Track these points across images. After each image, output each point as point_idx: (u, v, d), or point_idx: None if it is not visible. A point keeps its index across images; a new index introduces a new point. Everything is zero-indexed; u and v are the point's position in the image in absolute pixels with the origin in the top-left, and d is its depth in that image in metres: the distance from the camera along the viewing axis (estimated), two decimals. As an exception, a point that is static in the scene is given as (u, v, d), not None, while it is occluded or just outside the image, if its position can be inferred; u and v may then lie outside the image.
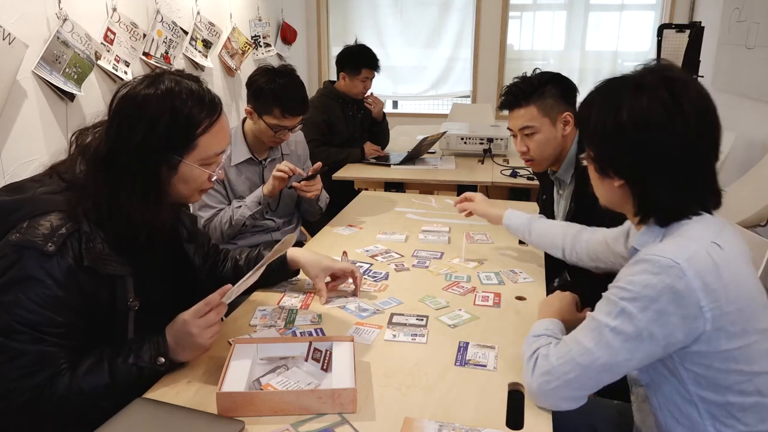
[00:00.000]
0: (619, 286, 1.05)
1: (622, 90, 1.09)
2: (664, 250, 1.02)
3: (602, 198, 1.20)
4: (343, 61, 3.29)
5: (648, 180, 1.08)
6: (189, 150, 1.20)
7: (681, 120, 1.03)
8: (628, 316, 1.02)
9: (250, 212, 2.12)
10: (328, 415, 1.10)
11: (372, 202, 2.58)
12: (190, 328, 1.21)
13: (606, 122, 1.09)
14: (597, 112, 1.11)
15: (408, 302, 1.58)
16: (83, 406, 1.10)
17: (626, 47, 5.42)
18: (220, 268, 1.59)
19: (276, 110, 2.10)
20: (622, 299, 1.03)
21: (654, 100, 1.04)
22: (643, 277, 1.01)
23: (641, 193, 1.10)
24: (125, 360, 1.16)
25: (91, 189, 1.15)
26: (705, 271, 0.99)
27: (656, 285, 0.99)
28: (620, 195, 1.14)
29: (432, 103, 6.14)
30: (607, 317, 1.04)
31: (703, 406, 1.06)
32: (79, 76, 2.64)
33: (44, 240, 1.08)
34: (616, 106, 1.07)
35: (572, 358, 1.07)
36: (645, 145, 1.05)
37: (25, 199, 1.14)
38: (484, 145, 3.35)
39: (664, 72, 1.09)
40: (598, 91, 1.14)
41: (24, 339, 1.08)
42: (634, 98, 1.06)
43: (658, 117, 1.04)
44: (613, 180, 1.12)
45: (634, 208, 1.13)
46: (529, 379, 1.14)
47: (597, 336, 1.05)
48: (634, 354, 1.03)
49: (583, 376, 1.06)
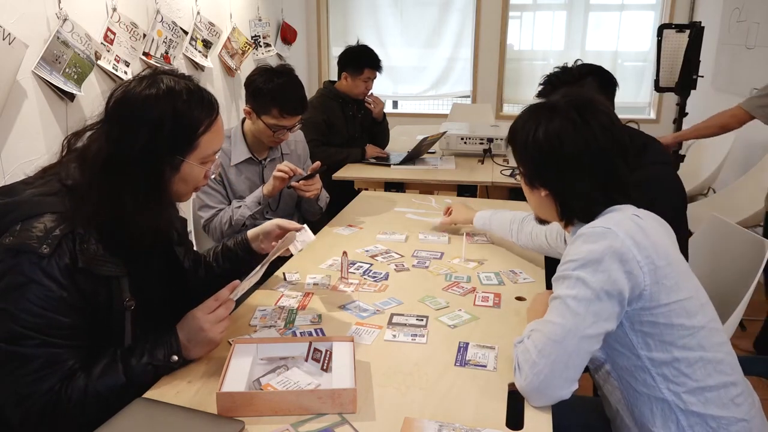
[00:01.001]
0: (566, 260, 1.17)
1: (540, 114, 1.25)
2: (594, 223, 1.18)
3: (533, 207, 1.37)
4: (346, 61, 3.29)
5: (566, 189, 1.24)
6: (191, 150, 1.20)
7: (590, 135, 1.20)
8: (582, 282, 1.12)
9: (250, 212, 2.12)
10: (328, 415, 1.10)
11: (372, 202, 2.58)
12: (201, 323, 1.23)
13: (527, 140, 1.25)
14: (521, 132, 1.28)
15: (408, 302, 1.58)
16: (100, 409, 1.08)
17: (626, 47, 5.42)
18: (200, 272, 1.59)
19: (274, 110, 2.10)
20: (573, 270, 1.14)
21: (565, 120, 1.21)
22: (584, 247, 1.14)
23: (562, 201, 1.26)
24: (139, 360, 1.17)
25: (94, 194, 1.14)
26: (633, 232, 1.14)
27: (597, 249, 1.12)
28: (547, 204, 1.29)
29: (432, 103, 6.14)
30: (566, 290, 1.14)
31: (654, 370, 1.15)
32: (79, 76, 2.64)
33: (39, 242, 1.08)
34: (535, 126, 1.24)
35: (548, 339, 1.12)
36: (560, 159, 1.21)
37: (17, 201, 1.13)
38: (484, 145, 3.34)
39: (574, 98, 1.26)
40: (523, 114, 1.31)
41: (31, 344, 1.08)
42: (548, 119, 1.23)
43: (570, 134, 1.20)
44: (540, 191, 1.28)
45: (558, 213, 1.29)
46: (520, 381, 1.15)
47: (562, 309, 1.13)
48: (598, 315, 1.11)
49: (563, 352, 1.11)
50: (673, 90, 3.30)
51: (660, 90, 3.40)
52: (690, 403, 1.13)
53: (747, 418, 1.15)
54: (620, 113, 1.39)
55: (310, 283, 1.71)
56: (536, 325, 1.18)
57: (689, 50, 3.27)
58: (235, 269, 1.59)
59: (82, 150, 1.19)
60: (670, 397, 1.14)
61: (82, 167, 1.17)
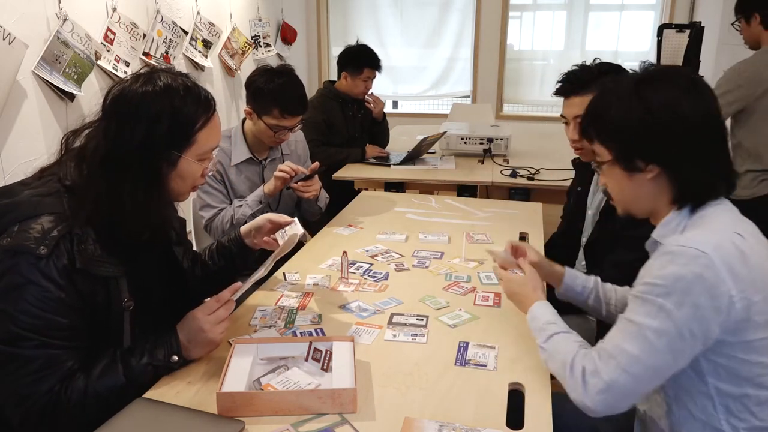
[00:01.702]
0: (649, 282, 1.05)
1: (633, 85, 1.12)
2: (688, 240, 1.03)
3: (627, 199, 1.20)
4: (345, 61, 3.29)
5: (683, 160, 1.09)
6: (188, 146, 1.20)
7: (704, 100, 1.09)
8: (667, 313, 1.01)
9: (252, 211, 2.12)
10: (328, 415, 1.10)
11: (372, 202, 2.58)
12: (202, 324, 1.23)
13: (631, 113, 1.10)
14: (617, 108, 1.13)
15: (408, 302, 1.58)
16: (100, 409, 1.08)
17: (626, 47, 5.42)
18: (197, 271, 1.59)
19: (275, 110, 2.10)
20: (657, 296, 1.02)
21: (676, 86, 1.09)
22: (671, 269, 1.01)
23: (678, 176, 1.11)
24: (139, 360, 1.17)
25: (92, 192, 1.14)
26: (732, 260, 1.01)
27: (686, 276, 1.00)
28: (652, 188, 1.14)
29: (432, 103, 6.14)
30: (646, 318, 1.03)
31: (719, 399, 1.07)
32: (79, 76, 2.64)
33: (36, 243, 1.07)
34: (638, 97, 1.10)
35: (623, 370, 1.04)
36: (676, 126, 1.08)
37: (15, 202, 1.13)
38: (484, 145, 3.34)
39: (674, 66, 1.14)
40: (607, 91, 1.17)
41: (30, 345, 1.08)
42: (653, 87, 1.10)
43: (685, 99, 1.08)
44: (645, 173, 1.12)
45: (672, 195, 1.13)
46: (582, 396, 1.08)
47: (641, 341, 1.03)
48: (678, 354, 1.03)
49: (636, 384, 1.05)
50: (673, 90, 3.31)
51: (660, 90, 3.40)
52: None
53: None
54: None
55: (310, 283, 1.71)
56: (610, 347, 1.07)
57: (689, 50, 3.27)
58: (230, 266, 1.60)
59: (79, 149, 1.19)
60: (727, 430, 1.08)
61: (80, 166, 1.17)
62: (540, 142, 3.79)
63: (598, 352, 1.10)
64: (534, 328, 1.27)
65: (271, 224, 1.56)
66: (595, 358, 1.09)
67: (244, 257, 1.60)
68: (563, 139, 2.05)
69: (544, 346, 1.21)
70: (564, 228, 2.19)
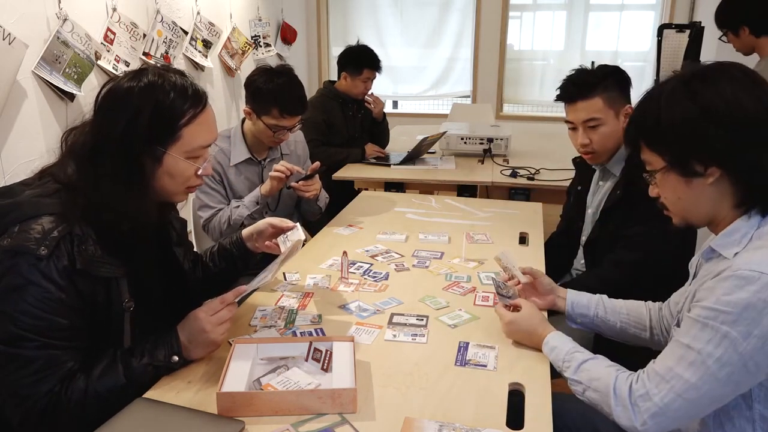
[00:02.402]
0: (714, 307, 0.99)
1: (682, 84, 1.06)
2: (754, 263, 0.98)
3: (690, 207, 1.11)
4: (345, 61, 3.29)
5: (747, 160, 1.02)
6: (173, 141, 1.19)
7: (764, 93, 1.02)
8: (732, 343, 0.96)
9: (249, 212, 2.12)
10: (328, 415, 1.10)
11: (372, 202, 2.57)
12: (204, 324, 1.23)
13: (685, 114, 1.04)
14: (668, 110, 1.06)
15: (408, 302, 1.58)
16: (100, 410, 1.08)
17: (626, 47, 5.42)
18: (198, 272, 1.59)
19: (274, 110, 2.10)
20: (722, 323, 0.97)
21: (734, 80, 1.03)
22: (740, 296, 0.96)
23: (742, 177, 1.04)
24: (140, 360, 1.17)
25: (81, 184, 1.15)
26: None
27: (756, 305, 0.95)
28: (713, 193, 1.06)
29: (432, 103, 6.14)
30: (708, 345, 0.99)
31: (760, 424, 1.05)
32: (79, 76, 2.64)
33: (37, 244, 1.07)
34: (691, 97, 1.04)
35: (678, 396, 1.01)
36: (737, 123, 1.01)
37: (15, 202, 1.13)
38: (484, 145, 3.34)
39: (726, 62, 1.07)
40: (651, 97, 1.11)
41: (31, 346, 1.08)
42: (708, 84, 1.03)
43: (744, 93, 1.01)
44: (706, 177, 1.05)
45: (735, 199, 1.06)
46: (632, 421, 1.05)
47: (701, 370, 0.99)
48: (740, 385, 1.00)
49: (692, 409, 1.02)
50: (673, 90, 3.31)
51: (660, 90, 3.40)
52: None
53: None
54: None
55: (310, 283, 1.71)
56: (663, 370, 1.04)
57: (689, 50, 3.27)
58: (231, 269, 1.59)
59: (71, 144, 1.19)
60: None
61: (72, 161, 1.17)
62: (540, 142, 3.79)
63: (647, 374, 1.06)
64: (556, 360, 1.24)
65: (273, 229, 1.56)
66: (645, 380, 1.06)
67: (246, 260, 1.60)
68: (563, 139, 2.06)
69: (575, 378, 1.17)
70: (563, 227, 2.19)
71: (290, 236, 1.53)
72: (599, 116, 1.79)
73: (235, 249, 1.59)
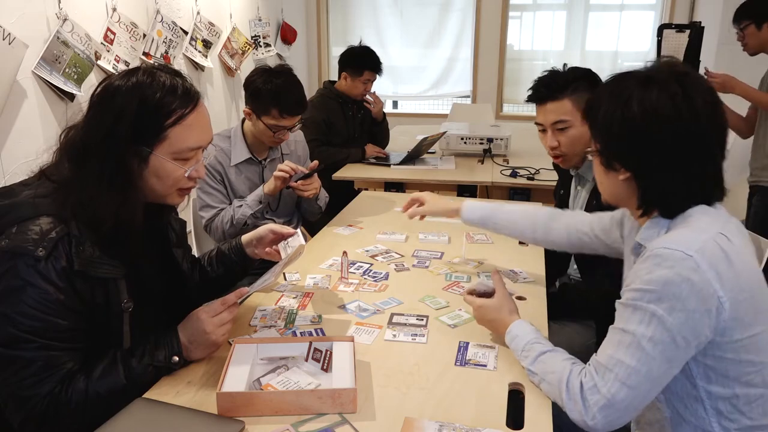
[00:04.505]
0: (638, 288, 1.03)
1: (632, 83, 1.09)
2: (673, 242, 1.03)
3: (605, 192, 1.21)
4: (346, 62, 3.28)
5: (654, 173, 1.08)
6: (158, 141, 1.17)
7: (691, 114, 1.04)
8: (659, 320, 1.00)
9: (252, 211, 2.12)
10: (328, 415, 1.10)
11: (372, 202, 2.58)
12: (205, 325, 1.23)
13: (614, 115, 1.09)
14: (606, 105, 1.11)
15: (408, 302, 1.58)
16: (101, 410, 1.08)
17: (626, 47, 5.42)
18: (196, 275, 1.58)
19: (274, 110, 2.10)
20: (648, 303, 1.01)
21: (665, 94, 1.05)
22: (659, 273, 1.01)
23: (646, 186, 1.11)
24: (140, 361, 1.17)
25: (71, 183, 1.14)
26: (717, 261, 1.00)
27: (675, 280, 0.99)
28: (624, 188, 1.14)
29: (432, 103, 6.15)
30: (640, 326, 1.02)
31: (709, 403, 1.07)
32: (79, 76, 2.64)
33: (35, 245, 1.07)
34: (625, 99, 1.08)
35: (622, 383, 1.03)
36: (653, 138, 1.06)
37: (13, 203, 1.12)
38: (484, 145, 3.35)
39: (675, 67, 1.10)
40: (607, 85, 1.15)
41: (30, 347, 1.07)
42: (643, 91, 1.07)
43: (669, 110, 1.04)
44: (618, 173, 1.13)
45: (638, 201, 1.13)
46: (582, 416, 1.06)
47: (637, 351, 1.02)
48: (673, 361, 1.03)
49: (636, 397, 1.04)
50: (673, 90, 3.32)
51: (660, 90, 3.41)
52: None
53: None
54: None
55: (310, 283, 1.71)
56: (605, 360, 1.06)
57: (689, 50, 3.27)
58: (229, 274, 1.59)
59: (63, 143, 1.19)
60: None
61: (65, 159, 1.17)
62: (540, 143, 3.77)
63: (594, 367, 1.08)
64: (516, 349, 1.26)
65: (274, 235, 1.55)
66: (592, 372, 1.08)
67: (244, 266, 1.60)
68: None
69: (532, 369, 1.19)
70: None
71: (291, 242, 1.53)
72: (568, 118, 1.77)
73: (234, 254, 1.58)
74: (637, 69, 1.13)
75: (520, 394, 1.19)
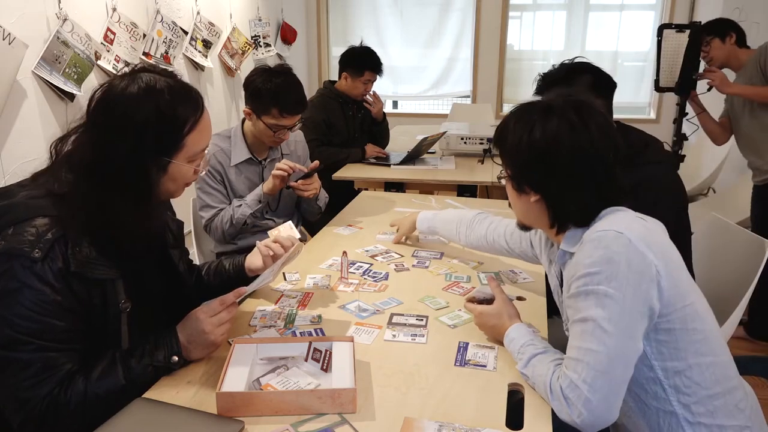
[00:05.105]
0: (584, 273, 1.09)
1: (534, 113, 1.19)
2: (602, 226, 1.12)
3: (519, 214, 1.30)
4: (347, 62, 3.28)
5: (560, 193, 1.18)
6: (177, 150, 1.18)
7: (587, 137, 1.15)
8: (611, 299, 1.06)
9: (251, 210, 2.12)
10: (328, 415, 1.10)
11: (372, 202, 2.58)
12: (204, 326, 1.23)
13: (521, 141, 1.19)
14: (512, 133, 1.21)
15: (408, 302, 1.58)
16: (101, 411, 1.07)
17: (626, 47, 5.42)
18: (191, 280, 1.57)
19: (274, 110, 2.09)
20: (598, 284, 1.07)
21: (563, 121, 1.15)
22: (599, 253, 1.08)
23: (555, 205, 1.20)
24: (139, 361, 1.17)
25: (80, 200, 1.12)
26: (644, 234, 1.09)
27: (614, 257, 1.07)
28: (536, 209, 1.23)
29: (432, 103, 6.15)
30: (597, 309, 1.07)
31: (666, 382, 1.12)
32: (79, 76, 2.64)
33: (31, 246, 1.06)
34: (527, 127, 1.18)
35: (596, 371, 1.05)
36: (556, 160, 1.15)
37: (10, 204, 1.12)
38: (484, 145, 3.35)
39: (571, 98, 1.21)
40: (513, 114, 1.24)
41: (28, 349, 1.07)
42: (545, 119, 1.17)
43: (567, 135, 1.15)
44: (529, 196, 1.21)
45: (550, 220, 1.22)
46: (569, 414, 1.07)
47: (599, 334, 1.06)
48: (633, 335, 1.07)
49: (612, 382, 1.06)
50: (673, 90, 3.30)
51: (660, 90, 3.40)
52: (699, 414, 1.12)
53: (749, 425, 1.14)
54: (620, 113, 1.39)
55: (310, 283, 1.71)
56: (574, 353, 1.10)
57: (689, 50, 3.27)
58: (224, 287, 1.54)
59: (67, 156, 1.16)
60: (679, 410, 1.12)
61: (69, 174, 1.14)
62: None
63: (566, 366, 1.11)
64: (512, 352, 1.28)
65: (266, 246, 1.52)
66: (565, 372, 1.10)
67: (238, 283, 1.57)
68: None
69: (525, 372, 1.21)
70: None
71: (282, 231, 1.52)
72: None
73: (232, 270, 1.58)
74: (538, 99, 1.25)
75: (520, 394, 1.19)
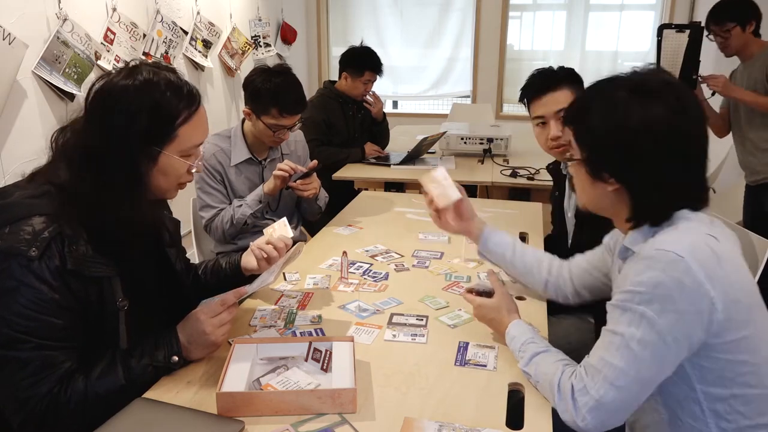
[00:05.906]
0: (629, 290, 1.03)
1: (623, 93, 1.07)
2: (663, 243, 1.02)
3: (590, 202, 1.18)
4: (347, 62, 3.28)
5: (646, 184, 1.07)
6: (169, 141, 1.18)
7: (686, 125, 1.05)
8: (649, 322, 1.00)
9: (251, 210, 2.12)
10: (328, 415, 1.10)
11: (372, 202, 2.58)
12: (204, 326, 1.23)
13: (608, 124, 1.07)
14: (597, 114, 1.09)
15: (408, 302, 1.58)
16: (101, 410, 1.07)
17: (626, 47, 5.42)
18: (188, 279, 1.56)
19: (273, 110, 2.09)
20: (638, 304, 1.01)
21: (661, 105, 1.04)
22: (650, 275, 1.00)
23: (637, 196, 1.09)
24: (139, 361, 1.17)
25: (74, 189, 1.13)
26: (707, 262, 1.00)
27: (666, 282, 0.99)
28: (611, 199, 1.12)
29: (432, 103, 6.15)
30: (629, 327, 1.02)
31: (707, 404, 1.07)
32: (79, 76, 2.64)
33: (27, 245, 1.06)
34: (620, 109, 1.06)
35: (611, 384, 1.03)
36: (649, 148, 1.04)
37: (6, 203, 1.12)
38: (484, 145, 3.34)
39: (665, 76, 1.10)
40: (595, 93, 1.13)
41: (26, 347, 1.07)
42: (639, 102, 1.05)
43: (666, 121, 1.04)
44: (607, 184, 1.11)
45: (629, 212, 1.12)
46: (573, 417, 1.06)
47: (626, 353, 1.02)
48: (664, 363, 1.02)
49: (625, 399, 1.04)
50: (673, 90, 3.32)
51: (660, 90, 3.42)
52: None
53: None
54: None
55: (310, 283, 1.71)
56: (596, 361, 1.06)
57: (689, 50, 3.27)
58: (221, 286, 1.56)
59: (62, 145, 1.17)
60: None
61: (65, 163, 1.15)
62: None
63: (584, 368, 1.08)
64: (513, 350, 1.27)
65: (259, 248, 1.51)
66: (582, 374, 1.08)
67: (234, 282, 1.56)
68: (563, 139, 2.04)
69: (527, 371, 1.20)
70: (554, 231, 2.20)
71: (277, 229, 1.53)
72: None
73: (228, 269, 1.57)
74: (621, 76, 1.12)
75: (520, 394, 1.19)
